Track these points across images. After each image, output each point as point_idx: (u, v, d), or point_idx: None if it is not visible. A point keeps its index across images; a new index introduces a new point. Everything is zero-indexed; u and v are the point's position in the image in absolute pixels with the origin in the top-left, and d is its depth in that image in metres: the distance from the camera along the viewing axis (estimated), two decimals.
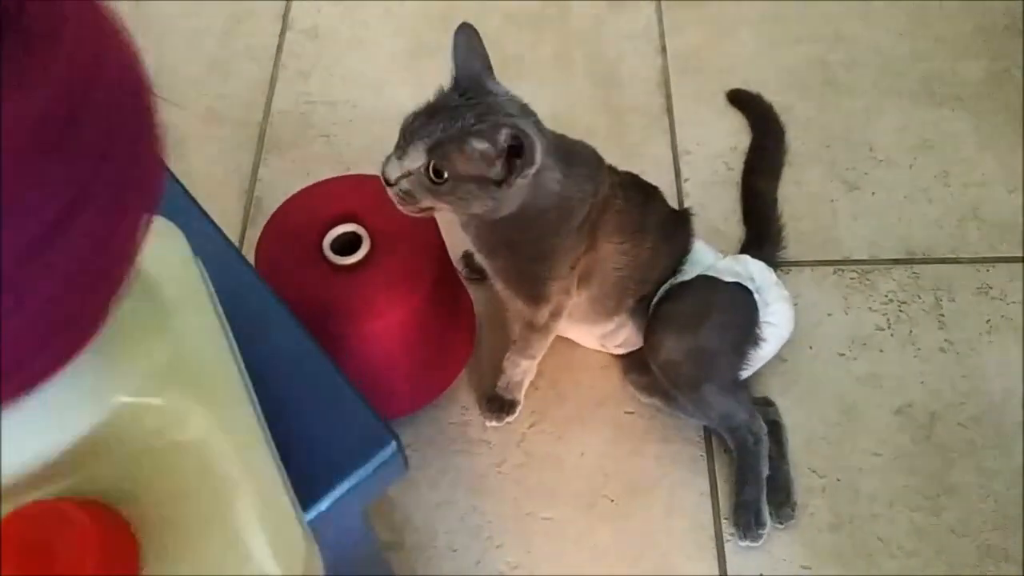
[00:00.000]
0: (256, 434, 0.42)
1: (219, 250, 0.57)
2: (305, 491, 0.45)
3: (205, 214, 0.59)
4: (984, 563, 0.99)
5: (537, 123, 0.88)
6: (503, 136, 0.81)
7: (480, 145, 0.81)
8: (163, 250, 0.45)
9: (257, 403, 0.44)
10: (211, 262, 0.51)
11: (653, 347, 1.02)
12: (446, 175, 0.82)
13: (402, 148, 0.84)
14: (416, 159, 0.82)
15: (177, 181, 0.62)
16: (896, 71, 1.39)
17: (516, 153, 0.82)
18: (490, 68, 0.88)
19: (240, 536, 0.39)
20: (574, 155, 0.94)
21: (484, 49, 0.87)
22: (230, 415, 0.40)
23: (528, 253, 0.95)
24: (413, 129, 0.83)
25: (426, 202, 0.85)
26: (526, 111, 0.88)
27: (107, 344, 0.36)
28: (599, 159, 0.97)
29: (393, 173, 0.84)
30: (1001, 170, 1.28)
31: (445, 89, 0.86)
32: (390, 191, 0.85)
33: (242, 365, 0.45)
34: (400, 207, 0.86)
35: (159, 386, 0.39)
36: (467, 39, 0.86)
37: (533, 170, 0.83)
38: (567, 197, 0.91)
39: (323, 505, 0.47)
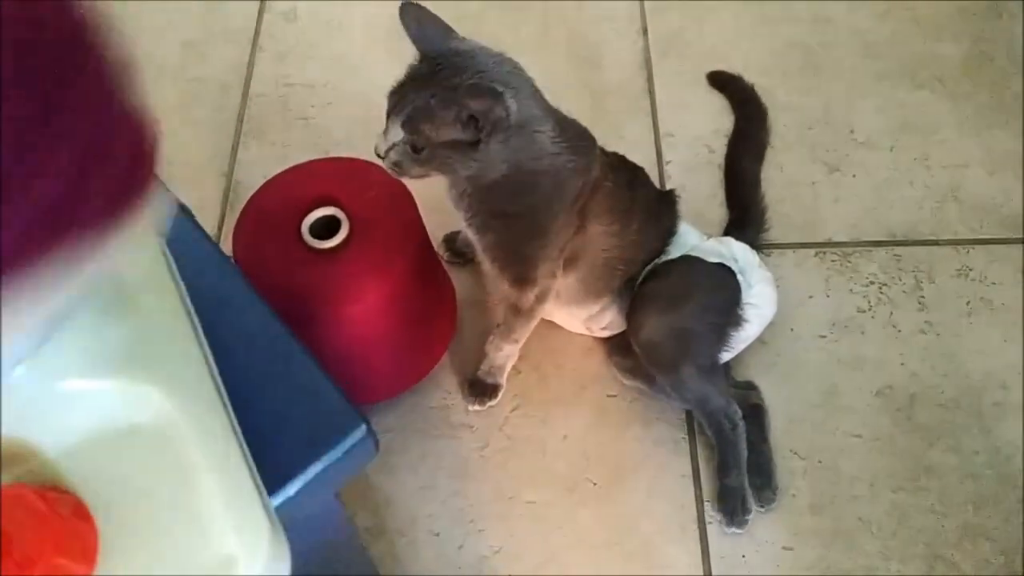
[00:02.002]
0: (218, 416, 0.41)
1: (186, 232, 0.56)
2: (273, 475, 0.44)
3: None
4: (963, 542, 0.99)
5: (515, 72, 0.89)
6: (462, 96, 0.82)
7: (443, 112, 0.84)
8: None
9: (222, 386, 0.43)
10: (178, 244, 0.50)
11: (635, 326, 1.02)
12: (423, 147, 0.85)
13: (386, 124, 0.88)
14: (395, 134, 0.86)
15: None
16: (877, 53, 1.38)
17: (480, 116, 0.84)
18: (449, 29, 0.89)
19: (202, 519, 0.38)
20: (568, 125, 0.94)
21: (436, 17, 0.88)
22: (191, 397, 0.40)
23: (520, 228, 0.94)
24: (391, 106, 0.87)
25: (415, 171, 0.88)
26: (501, 61, 0.89)
27: (63, 326, 0.35)
28: (591, 137, 0.97)
29: (382, 148, 0.88)
30: (981, 152, 1.28)
31: (415, 63, 0.87)
32: (384, 164, 0.89)
33: (206, 347, 0.44)
34: (397, 177, 0.90)
35: (117, 368, 0.38)
36: (414, 16, 0.87)
37: (509, 121, 0.84)
38: (560, 166, 0.91)
39: (291, 490, 0.46)
